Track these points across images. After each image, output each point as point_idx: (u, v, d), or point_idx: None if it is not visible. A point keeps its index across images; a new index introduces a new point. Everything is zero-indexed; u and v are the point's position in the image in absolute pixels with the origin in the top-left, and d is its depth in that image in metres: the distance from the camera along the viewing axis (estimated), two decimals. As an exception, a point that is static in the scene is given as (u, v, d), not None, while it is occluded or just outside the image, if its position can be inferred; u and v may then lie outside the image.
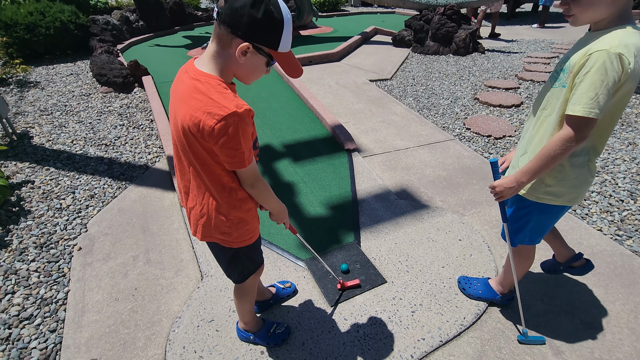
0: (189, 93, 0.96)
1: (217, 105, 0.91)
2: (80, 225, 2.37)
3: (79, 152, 3.24)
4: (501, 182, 1.31)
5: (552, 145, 1.15)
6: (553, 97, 1.20)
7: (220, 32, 0.94)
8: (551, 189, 1.28)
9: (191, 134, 0.97)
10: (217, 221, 1.14)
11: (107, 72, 4.75)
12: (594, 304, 1.76)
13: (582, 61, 1.06)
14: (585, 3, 1.07)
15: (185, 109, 0.96)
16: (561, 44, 7.24)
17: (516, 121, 3.77)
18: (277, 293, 1.78)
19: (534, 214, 1.38)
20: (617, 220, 2.32)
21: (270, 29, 0.93)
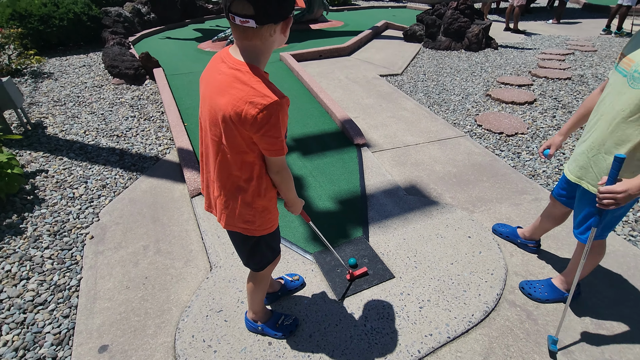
0: (230, 83, 0.96)
1: (259, 95, 0.93)
2: (93, 214, 2.41)
3: (91, 143, 3.28)
4: (627, 187, 1.17)
5: None
6: (635, 99, 1.18)
7: (261, 32, 0.92)
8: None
9: (232, 123, 0.98)
10: (242, 210, 1.17)
11: (119, 64, 4.79)
12: (605, 305, 1.73)
13: None
14: None
15: (227, 98, 0.96)
16: (577, 40, 7.07)
17: (529, 118, 3.71)
18: (285, 285, 1.79)
19: (610, 210, 1.36)
20: (631, 221, 2.28)
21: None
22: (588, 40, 7.03)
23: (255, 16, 0.88)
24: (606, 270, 1.92)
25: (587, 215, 1.46)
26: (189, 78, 4.83)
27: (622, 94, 1.24)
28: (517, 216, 2.33)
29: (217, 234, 2.18)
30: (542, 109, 3.92)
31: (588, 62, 5.62)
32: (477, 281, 1.84)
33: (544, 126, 3.53)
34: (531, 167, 2.87)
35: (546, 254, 2.03)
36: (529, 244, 2.03)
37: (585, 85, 4.58)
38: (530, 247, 2.03)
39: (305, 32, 7.80)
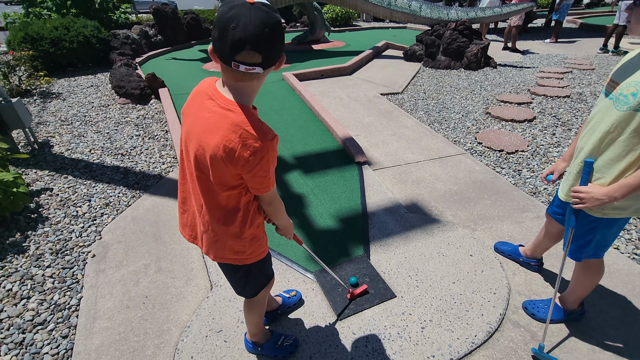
0: (220, 123, 0.94)
1: (252, 137, 0.93)
2: (95, 232, 2.43)
3: (96, 161, 3.33)
4: (590, 189, 1.30)
5: None
6: (621, 120, 1.21)
7: (261, 76, 0.93)
8: (618, 204, 1.30)
9: (222, 162, 0.96)
10: (231, 242, 1.17)
11: (125, 84, 4.91)
12: (611, 325, 1.70)
13: None
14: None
15: (217, 139, 0.94)
16: (575, 58, 7.19)
17: (529, 136, 3.74)
18: (283, 303, 1.78)
19: (600, 229, 1.39)
20: (634, 239, 2.26)
21: (282, 40, 0.91)
22: (586, 59, 7.14)
23: (262, 64, 0.89)
24: (611, 289, 1.89)
25: (579, 233, 1.45)
26: (194, 97, 4.92)
27: (609, 116, 1.26)
28: (519, 234, 2.32)
29: (218, 253, 2.18)
30: (542, 127, 3.95)
31: (586, 80, 5.70)
32: (480, 301, 1.82)
33: (544, 143, 3.55)
34: (532, 185, 2.87)
35: (549, 273, 2.01)
36: (531, 262, 2.01)
37: (584, 103, 4.63)
38: (533, 266, 2.01)
39: (307, 52, 7.99)
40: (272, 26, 0.85)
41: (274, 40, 0.87)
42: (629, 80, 1.21)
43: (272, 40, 0.86)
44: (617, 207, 1.31)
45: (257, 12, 0.83)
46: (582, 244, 1.46)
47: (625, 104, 1.20)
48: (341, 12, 11.96)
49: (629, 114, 1.19)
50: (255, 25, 0.82)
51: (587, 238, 1.44)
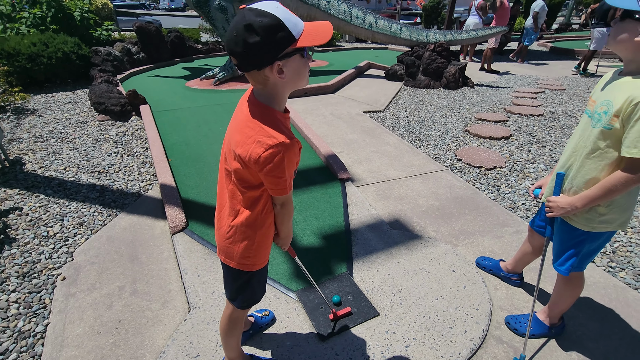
0: (245, 121, 1.02)
1: (267, 135, 0.97)
2: (67, 254, 2.31)
3: (71, 179, 3.22)
4: (557, 199, 1.40)
5: (615, 181, 1.23)
6: (595, 137, 1.28)
7: (253, 77, 0.98)
8: (605, 217, 1.35)
9: (240, 159, 1.02)
10: (245, 244, 1.18)
11: (105, 101, 4.83)
12: (590, 338, 1.72)
13: (630, 108, 1.15)
14: (618, 30, 1.19)
15: (239, 136, 1.02)
16: (546, 79, 7.55)
17: (506, 152, 3.85)
18: (255, 322, 1.73)
19: (587, 242, 1.44)
20: (609, 252, 2.32)
21: (276, 36, 0.89)
22: (557, 80, 7.51)
23: (239, 65, 0.95)
24: (589, 302, 1.92)
25: (566, 246, 1.49)
26: (176, 114, 4.88)
27: (586, 133, 1.33)
28: (499, 249, 2.35)
29: (197, 273, 2.11)
30: (518, 144, 4.09)
31: (558, 99, 5.97)
32: (463, 317, 1.81)
33: (520, 160, 3.67)
34: (511, 200, 2.94)
35: (530, 287, 2.03)
36: (512, 277, 2.03)
37: (557, 122, 4.83)
38: (514, 281, 2.03)
39: (291, 71, 8.07)
40: (240, 29, 0.88)
41: (244, 41, 0.88)
42: (602, 99, 1.28)
43: (240, 42, 0.89)
44: (603, 221, 1.36)
45: (236, 17, 0.91)
46: (569, 257, 1.49)
47: (599, 122, 1.26)
48: (324, 33, 12.25)
49: (600, 131, 1.25)
50: (230, 29, 0.91)
51: (574, 251, 1.47)
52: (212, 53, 10.15)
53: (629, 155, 1.17)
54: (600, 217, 1.35)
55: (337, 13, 7.19)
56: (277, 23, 0.88)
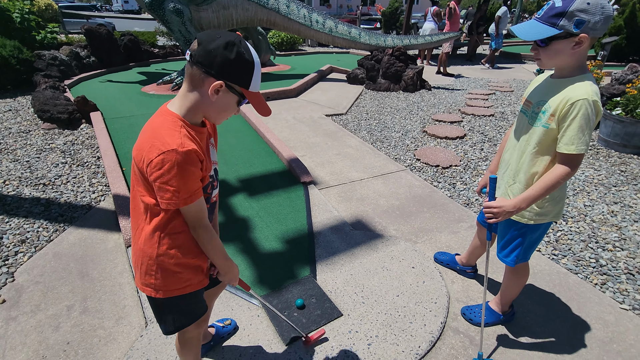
0: (148, 127, 1.00)
1: (161, 141, 0.93)
2: (7, 274, 2.13)
3: (12, 193, 2.97)
4: (501, 204, 1.41)
5: (552, 178, 1.31)
6: (535, 135, 1.37)
7: (192, 72, 0.97)
8: (541, 210, 1.45)
9: (137, 166, 1.00)
10: (145, 266, 1.08)
11: (50, 108, 4.52)
12: (538, 323, 1.84)
13: (566, 108, 1.24)
14: (551, 52, 1.27)
15: (139, 141, 1.00)
16: (497, 82, 8.04)
17: (461, 152, 4.05)
18: (217, 333, 1.69)
19: (528, 234, 1.53)
20: (552, 241, 2.50)
21: (242, 69, 0.97)
22: (506, 82, 8.02)
23: (193, 51, 0.95)
24: (535, 288, 2.06)
25: (509, 239, 1.59)
26: (131, 121, 4.66)
27: (526, 131, 1.43)
28: (455, 244, 2.45)
29: (154, 286, 2.01)
30: (472, 143, 4.31)
31: (507, 100, 6.38)
32: (422, 311, 1.87)
33: (474, 158, 3.87)
34: (465, 197, 3.09)
35: (483, 279, 2.13)
36: (466, 269, 2.13)
37: (506, 121, 5.15)
38: (468, 273, 2.13)
39: (253, 75, 8.00)
40: (226, 43, 0.94)
41: (221, 47, 0.94)
42: (538, 99, 1.38)
43: (219, 46, 0.93)
44: (539, 213, 1.46)
45: (229, 32, 0.98)
46: (511, 248, 1.58)
47: (539, 121, 1.36)
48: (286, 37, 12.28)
49: (540, 130, 1.35)
50: (215, 33, 0.96)
51: (516, 243, 1.56)
52: (169, 57, 9.82)
53: (566, 152, 1.27)
54: (537, 210, 1.46)
55: (297, 17, 7.22)
56: (251, 65, 0.98)
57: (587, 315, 1.88)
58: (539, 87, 1.44)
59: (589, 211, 2.85)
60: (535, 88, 1.46)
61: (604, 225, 2.66)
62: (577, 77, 1.28)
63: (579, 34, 1.19)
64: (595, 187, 3.24)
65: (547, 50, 1.28)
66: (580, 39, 1.20)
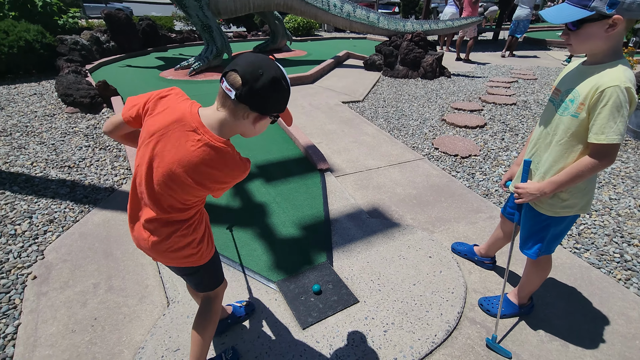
0: (201, 158, 1.02)
1: (233, 175, 1.09)
2: (37, 252, 2.23)
3: (39, 175, 3.08)
4: (526, 185, 1.43)
5: (580, 167, 1.28)
6: (562, 125, 1.32)
7: (236, 109, 1.00)
8: (567, 202, 1.41)
9: (188, 175, 1.04)
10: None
11: (73, 92, 4.62)
12: (557, 316, 1.82)
13: (596, 96, 1.19)
14: (582, 37, 1.21)
15: (196, 175, 1.04)
16: (520, 69, 7.76)
17: (481, 141, 3.96)
18: (234, 312, 1.74)
19: (552, 226, 1.49)
20: (575, 234, 2.44)
21: (282, 100, 1.04)
22: (529, 70, 7.74)
23: (238, 91, 0.96)
24: (556, 282, 2.03)
25: (532, 231, 1.56)
26: (150, 106, 4.72)
27: (553, 121, 1.38)
28: (473, 234, 2.43)
29: (175, 267, 2.07)
30: (492, 132, 4.20)
31: (530, 89, 6.16)
32: (439, 301, 1.87)
33: (494, 148, 3.78)
34: (485, 187, 3.03)
35: (502, 270, 2.11)
36: (485, 261, 2.11)
37: (529, 110, 4.99)
38: (487, 264, 2.11)
39: (269, 61, 7.96)
40: (270, 78, 0.96)
41: (268, 86, 0.96)
42: (568, 88, 1.32)
43: (265, 83, 0.96)
44: (566, 206, 1.42)
45: (265, 59, 1.00)
46: (536, 241, 1.55)
47: (566, 110, 1.31)
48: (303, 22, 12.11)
49: (568, 119, 1.30)
50: (254, 64, 0.96)
51: (540, 235, 1.53)
52: (186, 42, 9.85)
53: (596, 142, 1.22)
54: (562, 203, 1.42)
55: (314, 1, 7.10)
56: (289, 93, 1.04)
57: (610, 310, 1.85)
58: (569, 74, 1.39)
59: (614, 204, 2.76)
60: (566, 75, 1.40)
61: (630, 220, 2.57)
62: (610, 63, 1.22)
63: (612, 16, 1.13)
64: (622, 179, 3.13)
65: (578, 34, 1.22)
66: (614, 20, 1.13)
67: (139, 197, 1.14)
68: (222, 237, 2.34)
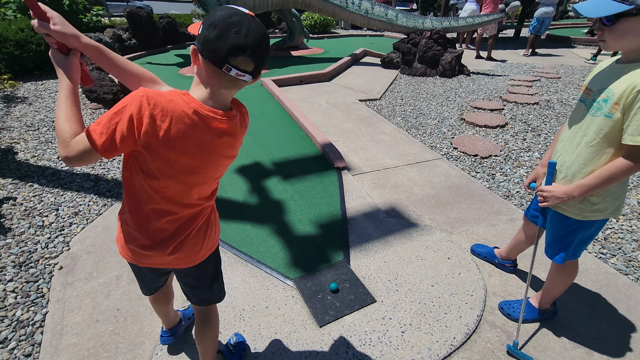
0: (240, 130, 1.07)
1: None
2: (63, 243, 2.31)
3: (65, 169, 3.18)
4: (552, 189, 1.39)
5: (613, 170, 1.23)
6: (594, 125, 1.27)
7: (236, 83, 0.96)
8: (597, 206, 1.37)
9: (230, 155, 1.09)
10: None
11: (97, 89, 4.74)
12: (582, 323, 1.76)
13: (632, 95, 1.14)
14: (618, 32, 1.16)
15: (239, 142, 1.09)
16: (542, 67, 7.54)
17: (501, 141, 3.87)
18: (183, 315, 1.74)
19: (580, 230, 1.45)
20: (601, 239, 2.36)
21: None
22: (552, 68, 7.51)
23: (252, 72, 0.92)
24: (580, 288, 1.97)
25: (559, 235, 1.51)
26: (170, 103, 4.81)
27: (583, 121, 1.33)
28: (493, 236, 2.38)
29: (194, 261, 2.11)
30: (513, 132, 4.10)
31: (553, 88, 5.98)
32: (458, 303, 1.85)
33: (515, 148, 3.69)
34: (505, 188, 2.97)
35: (523, 274, 2.07)
36: (506, 264, 2.06)
37: (552, 110, 4.85)
38: (508, 267, 2.07)
39: (286, 58, 8.00)
40: (267, 41, 0.91)
41: (267, 54, 0.92)
42: (600, 87, 1.27)
43: (266, 53, 0.92)
44: (596, 209, 1.37)
45: (257, 25, 0.88)
46: (563, 245, 1.51)
47: (599, 110, 1.26)
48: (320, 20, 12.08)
49: (601, 120, 1.25)
50: (257, 34, 0.87)
51: (568, 240, 1.49)
52: (205, 40, 9.97)
53: (632, 143, 1.17)
54: (592, 206, 1.37)
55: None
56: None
57: (637, 318, 1.78)
58: (601, 73, 1.33)
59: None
60: (597, 74, 1.35)
61: (659, 225, 2.47)
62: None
63: None
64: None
65: (614, 30, 1.17)
66: None
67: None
68: (240, 233, 2.37)
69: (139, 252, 1.08)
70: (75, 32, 0.97)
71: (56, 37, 0.95)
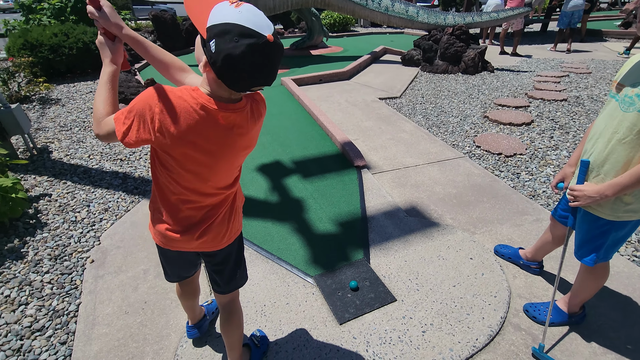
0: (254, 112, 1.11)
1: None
2: (94, 238, 2.42)
3: (95, 167, 3.33)
4: (583, 188, 1.35)
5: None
6: (627, 122, 1.23)
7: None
8: (631, 206, 1.32)
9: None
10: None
11: (124, 90, 4.93)
12: (612, 328, 1.70)
13: None
14: None
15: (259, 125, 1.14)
16: (571, 62, 7.24)
17: (527, 139, 3.75)
18: (207, 310, 1.78)
19: (612, 231, 1.40)
20: (634, 241, 2.26)
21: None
22: (582, 63, 7.20)
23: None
24: (611, 291, 1.89)
25: (590, 236, 1.46)
26: (193, 103, 4.94)
27: (615, 118, 1.28)
28: (518, 237, 2.32)
29: (217, 257, 2.17)
30: (540, 130, 3.97)
31: (583, 83, 5.74)
32: (481, 304, 1.81)
33: (542, 147, 3.57)
34: (531, 188, 2.88)
35: (550, 276, 2.00)
36: (531, 265, 2.01)
37: (582, 107, 4.65)
38: (533, 269, 2.01)
39: (305, 57, 8.03)
40: (282, 57, 0.94)
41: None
42: (634, 82, 1.23)
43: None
44: (629, 209, 1.32)
45: (279, 52, 0.90)
46: (594, 247, 1.46)
47: (631, 105, 1.21)
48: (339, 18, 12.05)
49: (634, 116, 1.20)
50: (276, 66, 0.92)
51: (599, 241, 1.44)
52: (226, 41, 10.14)
53: None
54: (626, 206, 1.32)
55: (352, -3, 7.03)
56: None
57: (674, 325, 1.70)
58: (634, 67, 1.28)
59: (681, 210, 2.51)
60: (630, 69, 1.29)
61: (699, 228, 2.34)
62: None
63: None
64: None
65: None
66: None
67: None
68: (261, 230, 2.41)
69: (170, 236, 1.15)
70: (118, 22, 1.07)
71: (102, 23, 1.05)
